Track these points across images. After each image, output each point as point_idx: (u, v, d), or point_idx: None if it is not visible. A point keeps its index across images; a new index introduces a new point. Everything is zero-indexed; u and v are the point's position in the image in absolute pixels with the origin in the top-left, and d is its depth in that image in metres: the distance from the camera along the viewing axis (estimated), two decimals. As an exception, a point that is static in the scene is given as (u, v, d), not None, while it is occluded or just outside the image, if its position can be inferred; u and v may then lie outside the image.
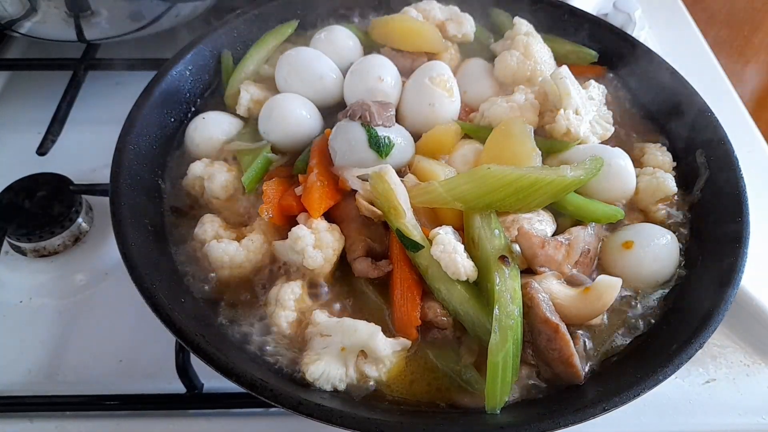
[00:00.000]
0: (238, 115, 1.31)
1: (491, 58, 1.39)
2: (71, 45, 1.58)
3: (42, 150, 1.39)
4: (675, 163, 1.28)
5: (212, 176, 1.17)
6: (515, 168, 1.05)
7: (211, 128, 1.27)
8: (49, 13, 1.40)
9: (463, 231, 1.05)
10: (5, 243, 1.26)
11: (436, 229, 1.02)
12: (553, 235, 1.08)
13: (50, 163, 1.38)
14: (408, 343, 0.99)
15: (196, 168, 1.18)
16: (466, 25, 1.41)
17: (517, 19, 1.41)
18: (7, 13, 1.41)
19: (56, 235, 1.30)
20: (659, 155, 1.27)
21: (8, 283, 1.28)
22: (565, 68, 1.23)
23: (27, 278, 1.28)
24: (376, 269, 1.04)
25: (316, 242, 1.03)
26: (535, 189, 1.03)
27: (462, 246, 1.00)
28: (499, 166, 1.04)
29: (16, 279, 1.28)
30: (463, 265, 0.97)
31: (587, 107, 1.23)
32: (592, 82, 1.29)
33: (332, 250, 1.05)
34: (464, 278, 0.98)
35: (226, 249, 1.06)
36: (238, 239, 1.08)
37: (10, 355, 1.17)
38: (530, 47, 1.32)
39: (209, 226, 1.11)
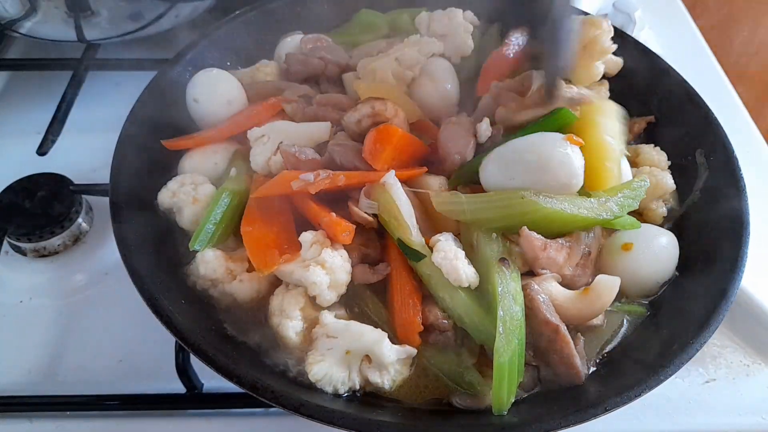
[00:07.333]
0: None
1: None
2: (71, 45, 1.58)
3: (42, 150, 1.39)
4: (670, 162, 1.28)
5: (180, 210, 1.13)
6: (551, 200, 0.99)
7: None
8: (49, 13, 1.40)
9: (460, 236, 1.04)
10: (5, 243, 1.26)
11: (437, 236, 1.01)
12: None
13: (50, 163, 1.38)
14: (414, 351, 0.97)
15: (167, 193, 1.15)
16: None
17: None
18: (7, 13, 1.40)
19: (56, 235, 1.29)
20: (654, 154, 1.28)
21: (8, 283, 1.28)
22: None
23: (27, 278, 1.28)
24: (374, 274, 1.03)
25: (332, 282, 0.99)
26: (566, 224, 1.01)
27: (463, 252, 0.99)
28: (534, 195, 0.98)
29: (15, 279, 1.28)
30: (464, 272, 0.96)
31: None
32: None
33: (346, 273, 1.01)
34: (466, 284, 0.97)
35: (249, 288, 1.04)
36: (249, 269, 1.04)
37: (10, 355, 1.16)
38: None
39: (216, 264, 1.03)
